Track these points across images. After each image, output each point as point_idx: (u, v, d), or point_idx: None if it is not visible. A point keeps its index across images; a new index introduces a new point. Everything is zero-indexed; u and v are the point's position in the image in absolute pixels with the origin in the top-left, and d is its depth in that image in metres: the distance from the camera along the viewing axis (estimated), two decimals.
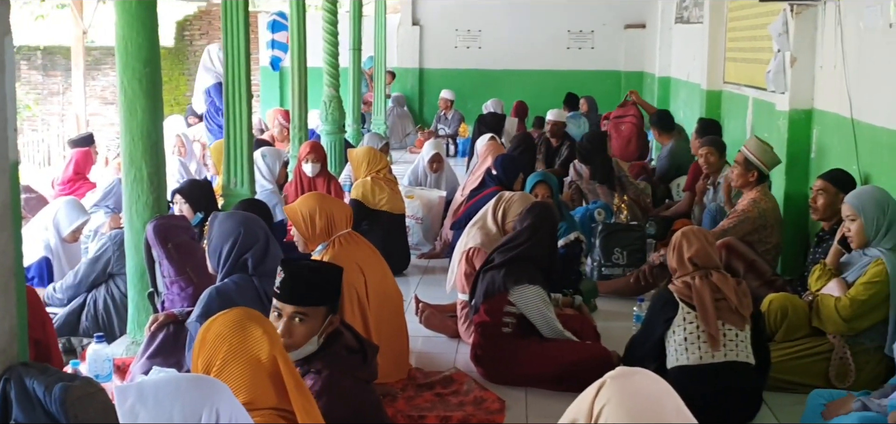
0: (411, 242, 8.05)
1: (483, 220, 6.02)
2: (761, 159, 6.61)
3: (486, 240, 5.81)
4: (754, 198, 6.54)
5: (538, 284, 5.17)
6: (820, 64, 6.85)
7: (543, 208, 5.51)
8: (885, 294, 4.81)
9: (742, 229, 6.42)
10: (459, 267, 5.89)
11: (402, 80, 17.35)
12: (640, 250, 7.22)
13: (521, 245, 5.28)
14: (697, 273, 4.49)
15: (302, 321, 3.40)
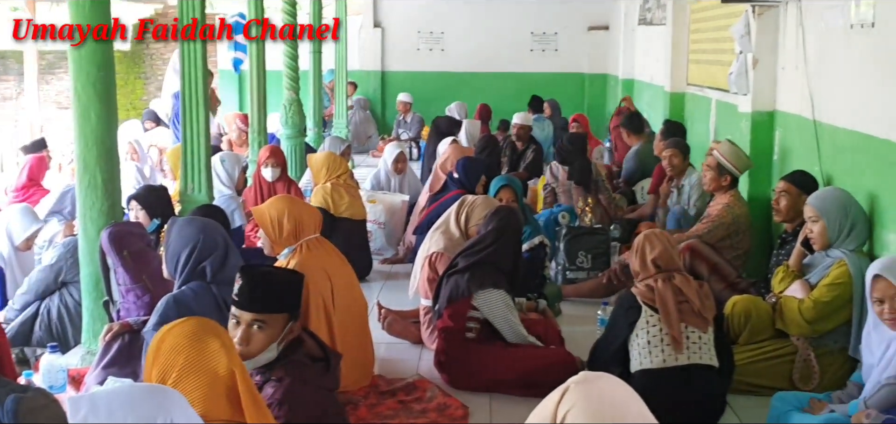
0: (374, 247, 8.03)
1: (446, 224, 6.02)
2: (734, 163, 6.66)
3: (448, 244, 5.81)
4: (728, 203, 6.59)
5: (502, 288, 5.18)
6: (782, 65, 6.92)
7: (508, 212, 5.52)
8: (848, 296, 4.86)
9: (716, 235, 6.46)
10: (422, 272, 5.89)
11: (364, 83, 17.32)
12: (604, 253, 7.26)
13: (485, 249, 5.28)
14: (660, 276, 4.51)
15: (260, 329, 3.38)
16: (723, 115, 8.63)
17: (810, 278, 5.11)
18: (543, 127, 13.00)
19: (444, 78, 17.27)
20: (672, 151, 7.97)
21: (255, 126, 9.60)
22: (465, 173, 7.63)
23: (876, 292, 4.08)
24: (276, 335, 3.41)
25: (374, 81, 17.45)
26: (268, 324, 3.39)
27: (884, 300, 4.05)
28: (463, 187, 7.46)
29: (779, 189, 5.88)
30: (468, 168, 7.66)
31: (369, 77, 17.40)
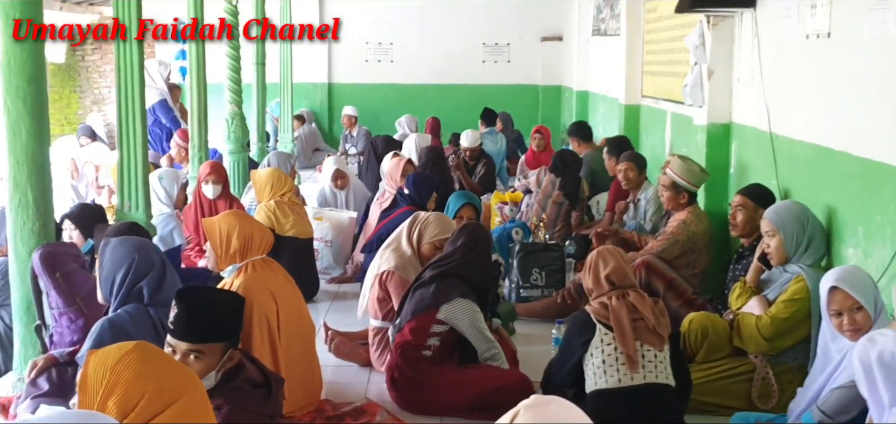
0: (320, 266, 7.99)
1: (397, 242, 5.99)
2: (688, 179, 6.71)
3: (400, 263, 5.79)
4: (684, 220, 6.64)
5: (470, 298, 5.17)
6: (737, 77, 7.00)
7: (477, 228, 5.53)
8: (806, 312, 4.91)
9: (671, 252, 6.50)
10: (372, 292, 5.86)
11: (311, 95, 17.27)
12: (559, 270, 7.27)
13: (453, 263, 5.28)
14: (614, 293, 4.52)
15: (197, 359, 3.34)
16: (678, 127, 8.71)
17: (768, 293, 5.16)
18: (496, 141, 13.03)
19: (394, 90, 17.28)
20: (627, 164, 8.00)
21: (195, 141, 9.51)
22: (417, 188, 7.61)
23: (833, 304, 4.12)
24: (215, 364, 3.37)
25: (320, 93, 17.40)
26: (205, 354, 3.34)
27: (841, 313, 4.09)
28: (414, 204, 7.45)
29: (735, 203, 5.93)
30: (419, 184, 7.65)
31: (316, 89, 17.35)
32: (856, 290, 4.08)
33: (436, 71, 17.26)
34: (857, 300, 4.07)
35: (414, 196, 7.55)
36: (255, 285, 4.75)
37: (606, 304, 4.49)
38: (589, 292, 4.63)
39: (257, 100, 12.76)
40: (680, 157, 6.95)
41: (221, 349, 3.39)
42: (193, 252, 8.07)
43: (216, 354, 3.37)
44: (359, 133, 15.29)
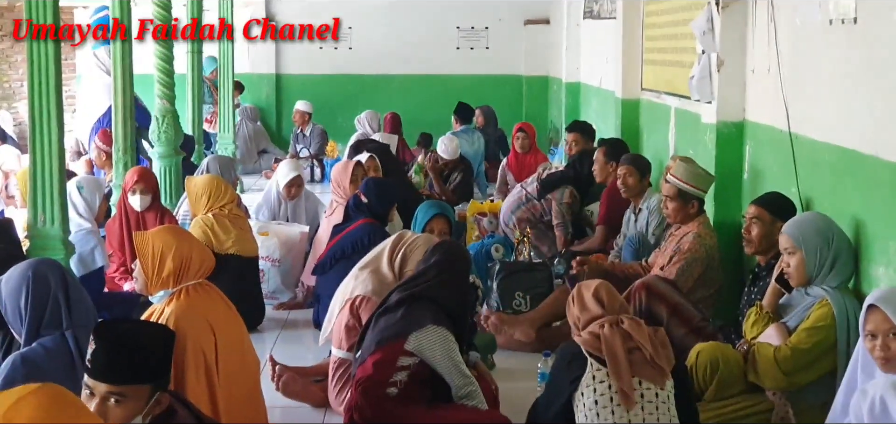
0: (266, 289, 7.98)
1: (376, 263, 5.98)
2: (696, 184, 6.76)
3: (378, 287, 5.78)
4: (698, 233, 6.67)
5: (444, 326, 5.15)
6: (751, 67, 7.03)
7: (454, 246, 5.54)
8: (831, 341, 4.93)
9: (690, 275, 6.53)
10: (340, 317, 5.86)
11: (256, 88, 17.22)
12: (546, 293, 7.27)
13: (425, 284, 5.29)
14: (606, 319, 4.52)
15: (119, 403, 3.32)
16: (684, 126, 8.75)
17: (788, 321, 5.19)
18: (473, 140, 13.03)
19: (353, 82, 17.26)
20: (627, 168, 8.00)
21: (119, 143, 9.45)
22: (376, 196, 7.54)
23: (869, 323, 4.11)
24: (140, 409, 3.35)
25: (266, 86, 17.36)
26: (128, 397, 3.32)
27: (876, 335, 4.10)
28: (374, 215, 7.41)
29: (749, 215, 5.97)
30: (378, 191, 7.60)
31: (261, 82, 17.31)
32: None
33: (402, 60, 17.26)
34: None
35: (374, 206, 7.48)
36: (189, 314, 4.74)
37: (597, 334, 4.49)
38: (575, 323, 4.64)
39: (192, 94, 12.72)
40: (682, 159, 6.98)
41: (148, 391, 3.37)
42: (117, 274, 8.03)
43: (141, 397, 3.35)
44: (313, 132, 15.26)
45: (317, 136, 15.23)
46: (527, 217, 9.12)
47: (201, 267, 4.95)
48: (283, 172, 9.09)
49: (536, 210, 9.21)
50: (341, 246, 7.17)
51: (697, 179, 6.76)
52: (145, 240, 4.92)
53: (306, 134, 15.28)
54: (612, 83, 11.53)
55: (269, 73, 17.33)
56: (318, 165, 14.76)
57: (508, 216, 9.27)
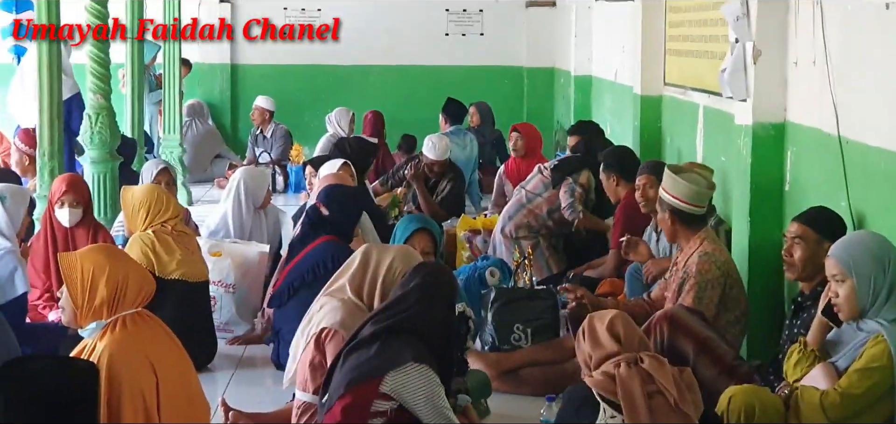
0: (218, 320, 7.97)
1: (340, 288, 5.98)
2: (691, 201, 6.77)
3: (347, 318, 5.76)
4: (704, 251, 6.67)
5: (427, 363, 5.15)
6: (794, 59, 7.04)
7: (437, 268, 5.54)
8: (887, 385, 4.93)
9: (711, 299, 6.53)
10: (304, 354, 5.85)
11: (208, 81, 17.21)
12: (550, 326, 7.27)
13: (402, 313, 5.28)
14: (622, 358, 4.52)
15: None
16: (714, 127, 8.75)
17: (837, 360, 5.18)
18: (465, 144, 13.02)
19: (322, 75, 17.28)
20: (647, 178, 8.00)
21: (45, 146, 9.41)
22: (343, 208, 7.56)
23: None
24: None
25: (220, 78, 17.34)
26: None
27: None
28: (336, 231, 7.42)
29: (791, 234, 5.96)
30: (346, 202, 7.63)
31: (214, 73, 17.30)
32: None
33: (381, 48, 17.27)
34: None
35: (337, 219, 7.49)
36: (126, 349, 4.73)
37: (612, 374, 4.49)
38: (586, 361, 4.63)
39: (133, 88, 12.68)
40: (670, 168, 6.98)
41: None
42: (41, 301, 8.00)
43: None
44: (274, 134, 15.23)
45: (279, 138, 15.19)
46: (527, 223, 9.12)
47: (140, 294, 4.95)
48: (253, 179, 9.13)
49: (540, 211, 9.20)
50: (299, 272, 7.16)
51: (690, 194, 6.77)
52: (73, 262, 4.90)
53: (267, 135, 15.25)
54: (629, 77, 11.55)
55: (222, 63, 17.31)
56: (281, 171, 14.73)
57: (505, 222, 9.25)
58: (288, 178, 14.67)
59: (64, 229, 7.96)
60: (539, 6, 17.35)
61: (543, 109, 17.10)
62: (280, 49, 17.15)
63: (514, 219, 9.24)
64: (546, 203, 9.26)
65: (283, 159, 15.01)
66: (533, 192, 9.32)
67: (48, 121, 9.32)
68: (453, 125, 13.33)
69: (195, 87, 16.86)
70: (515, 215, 9.27)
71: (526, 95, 17.52)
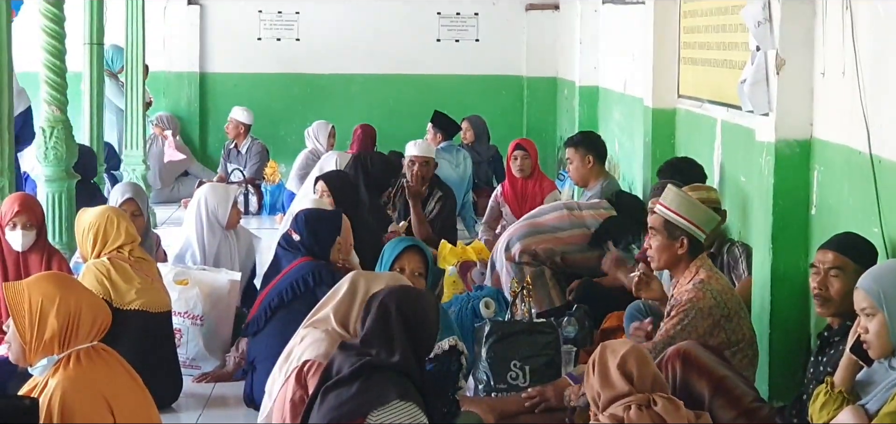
0: (184, 356, 7.97)
1: (324, 317, 5.99)
2: (690, 217, 6.75)
3: (331, 350, 5.78)
4: (701, 279, 6.67)
5: (412, 401, 5.18)
6: (821, 70, 7.04)
7: (401, 290, 5.54)
8: None
9: (696, 329, 6.52)
10: (283, 390, 5.89)
11: (174, 91, 17.21)
12: (550, 363, 7.27)
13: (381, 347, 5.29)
14: (633, 399, 4.51)
15: None
16: (733, 144, 8.76)
17: (867, 403, 5.17)
18: (458, 161, 13.04)
19: (300, 84, 17.29)
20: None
21: None
22: (313, 233, 7.60)
23: None
24: None
25: (188, 88, 17.33)
26: None
27: None
28: (311, 253, 7.47)
29: (826, 265, 5.91)
30: (315, 225, 7.66)
31: (181, 83, 17.29)
32: None
33: (365, 55, 17.28)
34: None
35: (309, 243, 7.55)
36: (81, 387, 4.75)
37: (621, 418, 4.49)
38: (595, 400, 4.63)
39: (91, 99, 12.67)
40: (673, 184, 6.99)
41: None
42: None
43: None
44: (250, 149, 15.21)
45: (255, 154, 15.18)
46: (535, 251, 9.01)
47: (94, 326, 4.95)
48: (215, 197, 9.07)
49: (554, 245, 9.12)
50: (278, 292, 7.19)
51: (691, 210, 6.77)
52: (20, 292, 4.90)
53: (241, 151, 15.24)
54: (639, 88, 11.56)
55: (190, 71, 17.29)
56: (254, 191, 14.70)
57: (512, 242, 9.17)
58: (262, 198, 14.65)
59: (15, 253, 7.96)
60: (540, 9, 17.37)
61: (545, 123, 17.13)
62: (254, 56, 17.21)
63: (522, 241, 9.15)
64: (564, 243, 9.18)
65: (257, 177, 14.99)
66: (551, 225, 9.24)
67: None
68: (445, 140, 13.34)
69: (161, 97, 16.84)
70: (524, 238, 9.17)
71: (526, 108, 17.53)
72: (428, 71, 17.37)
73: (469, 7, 17.47)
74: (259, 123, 15.75)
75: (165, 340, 7.53)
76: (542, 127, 16.97)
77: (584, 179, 10.33)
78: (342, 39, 17.24)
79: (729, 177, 8.67)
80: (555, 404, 6.72)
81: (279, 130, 16.46)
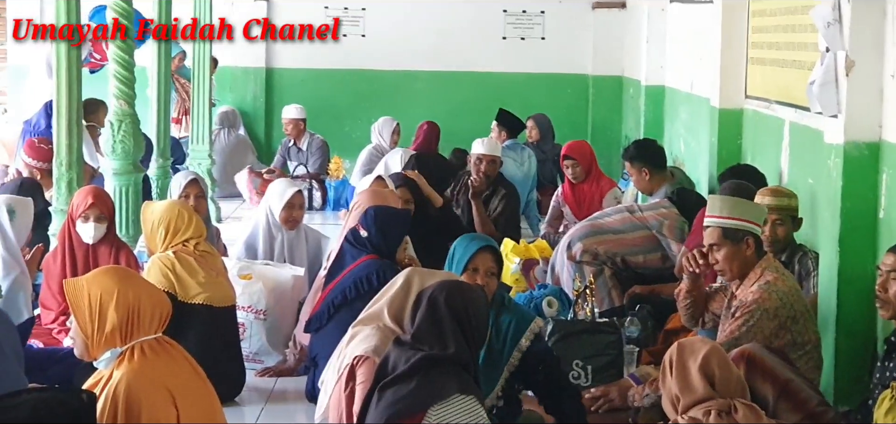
0: (248, 350, 8.01)
1: (378, 312, 6.00)
2: (743, 216, 6.71)
3: (381, 346, 5.81)
4: (767, 280, 6.63)
5: (473, 394, 5.18)
6: (891, 72, 7.00)
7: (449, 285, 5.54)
8: None
9: (762, 332, 6.48)
10: (337, 387, 5.89)
11: (241, 87, 17.27)
12: (613, 363, 7.26)
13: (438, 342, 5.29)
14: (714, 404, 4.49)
15: None
16: (800, 146, 8.71)
17: None
18: (522, 160, 13.00)
19: (365, 80, 17.29)
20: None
21: (62, 156, 9.47)
22: (382, 230, 7.59)
23: None
24: None
25: (254, 83, 17.38)
26: None
27: None
28: (377, 252, 7.47)
29: (886, 267, 5.89)
30: (385, 222, 7.65)
31: (247, 79, 17.34)
32: None
33: (430, 52, 17.28)
34: None
35: (376, 241, 7.54)
36: (144, 379, 4.76)
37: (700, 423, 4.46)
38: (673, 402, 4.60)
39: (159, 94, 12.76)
40: (719, 194, 6.94)
41: None
42: (56, 325, 8.03)
43: None
44: (310, 145, 15.20)
45: (316, 149, 15.16)
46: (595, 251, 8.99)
47: (154, 316, 4.98)
48: (277, 192, 9.09)
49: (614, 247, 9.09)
50: (341, 290, 7.19)
51: (744, 209, 6.74)
52: (79, 288, 4.94)
53: (301, 147, 15.22)
54: (707, 88, 11.50)
55: (256, 67, 17.33)
56: (318, 187, 14.71)
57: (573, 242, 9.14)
58: (326, 194, 14.64)
59: (85, 245, 8.00)
60: (607, 8, 17.31)
61: (610, 122, 17.07)
62: (319, 52, 17.18)
63: (583, 242, 9.12)
64: (626, 245, 9.15)
65: (320, 172, 14.96)
66: (613, 227, 9.21)
67: (66, 128, 9.37)
68: (509, 139, 13.32)
69: (226, 92, 16.91)
70: (585, 238, 9.15)
71: (591, 106, 17.48)
72: (493, 69, 17.34)
73: (535, 5, 17.43)
74: (323, 119, 15.77)
75: (229, 334, 7.55)
76: (607, 126, 16.92)
77: (646, 189, 10.26)
78: (408, 36, 17.25)
79: (796, 179, 8.62)
80: (618, 404, 6.71)
81: (344, 126, 16.49)
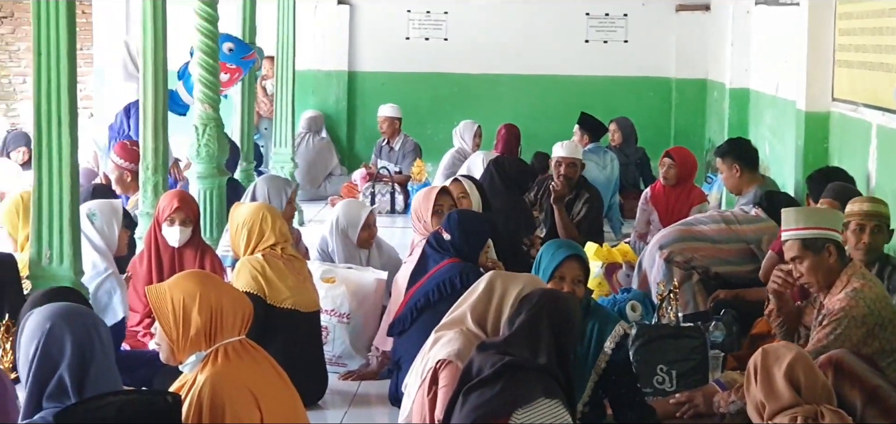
0: (331, 353, 8.04)
1: (460, 317, 6.01)
2: (820, 224, 6.63)
3: (464, 350, 5.80)
4: (854, 287, 6.56)
5: (558, 399, 5.18)
6: None
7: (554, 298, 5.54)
8: None
9: (850, 339, 6.43)
10: (419, 392, 5.90)
11: (323, 90, 17.30)
12: (698, 368, 7.22)
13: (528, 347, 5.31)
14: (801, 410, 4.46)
15: None
16: (889, 150, 8.65)
17: None
18: (605, 163, 12.98)
19: (448, 83, 17.30)
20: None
21: (149, 160, 9.55)
22: (464, 233, 7.60)
23: None
24: None
25: (337, 86, 17.43)
26: None
27: None
28: (460, 255, 7.49)
29: None
30: (467, 226, 7.65)
31: (331, 81, 17.39)
32: None
33: (512, 55, 17.23)
34: None
35: (459, 245, 7.55)
36: (228, 381, 4.79)
37: None
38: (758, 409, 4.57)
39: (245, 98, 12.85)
40: (789, 207, 6.89)
41: None
42: (142, 327, 8.09)
43: None
44: (404, 146, 15.21)
45: (409, 151, 15.15)
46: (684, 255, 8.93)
47: (238, 318, 5.00)
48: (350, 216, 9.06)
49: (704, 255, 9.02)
50: (424, 293, 7.20)
51: (820, 217, 6.68)
52: (162, 294, 4.97)
53: (394, 147, 15.25)
54: (792, 91, 11.44)
55: (339, 70, 17.38)
56: (400, 190, 14.69)
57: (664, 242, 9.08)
58: (408, 197, 14.62)
59: (170, 249, 8.06)
60: (690, 10, 17.21)
61: (694, 126, 16.97)
62: (402, 55, 17.26)
63: (677, 245, 9.05)
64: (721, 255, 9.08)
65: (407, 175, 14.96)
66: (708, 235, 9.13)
67: (152, 131, 9.44)
68: (592, 142, 13.29)
69: (309, 96, 16.98)
70: (679, 241, 9.08)
71: (674, 110, 17.38)
72: (575, 72, 17.29)
73: (618, 8, 17.37)
74: (405, 122, 15.72)
75: (314, 338, 7.57)
76: (690, 130, 16.82)
77: (736, 187, 10.16)
78: (490, 40, 17.23)
79: (884, 184, 8.56)
80: (704, 410, 6.67)
81: (426, 130, 16.49)
